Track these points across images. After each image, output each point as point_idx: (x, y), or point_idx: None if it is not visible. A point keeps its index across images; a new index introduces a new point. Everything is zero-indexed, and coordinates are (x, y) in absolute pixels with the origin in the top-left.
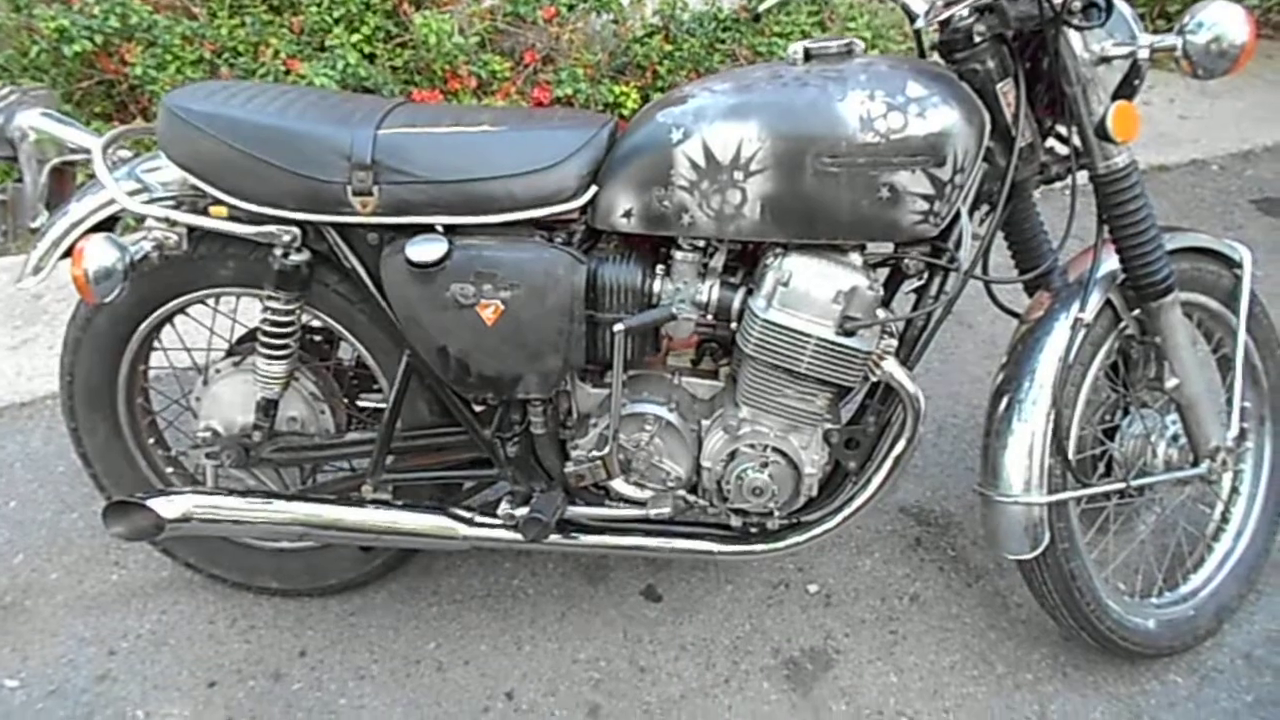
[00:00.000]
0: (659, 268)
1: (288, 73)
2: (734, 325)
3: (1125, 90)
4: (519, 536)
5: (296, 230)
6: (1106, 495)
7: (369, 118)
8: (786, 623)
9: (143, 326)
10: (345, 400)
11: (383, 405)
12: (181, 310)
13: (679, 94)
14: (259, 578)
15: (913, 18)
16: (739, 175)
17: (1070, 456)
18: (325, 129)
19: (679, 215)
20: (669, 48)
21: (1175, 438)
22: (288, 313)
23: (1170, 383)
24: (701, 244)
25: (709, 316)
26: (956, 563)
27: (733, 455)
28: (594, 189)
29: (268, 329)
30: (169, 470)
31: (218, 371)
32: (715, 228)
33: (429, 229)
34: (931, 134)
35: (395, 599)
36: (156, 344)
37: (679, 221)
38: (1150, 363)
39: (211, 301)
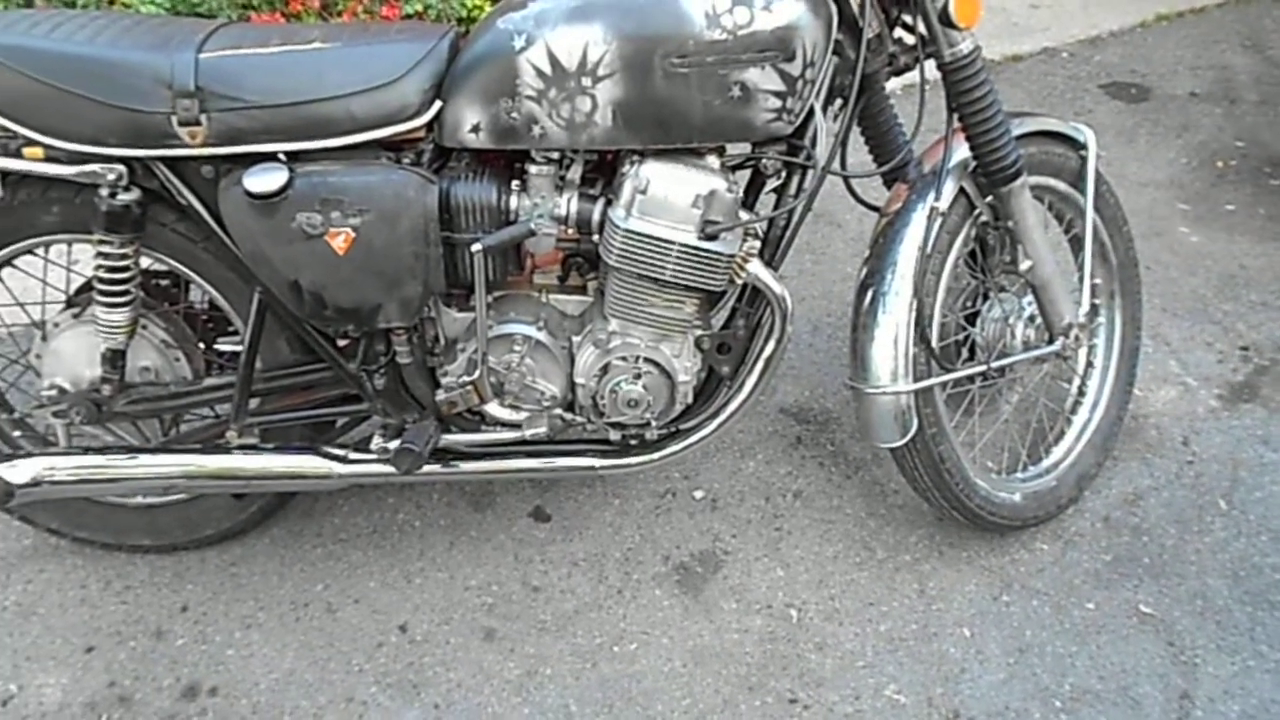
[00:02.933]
0: (514, 183)
1: (112, 1)
2: (596, 238)
3: None
4: (394, 470)
5: (122, 168)
6: (970, 379)
7: (188, 41)
8: (675, 530)
9: None
10: (201, 345)
11: (241, 347)
12: (8, 262)
13: None
14: (130, 536)
15: None
16: (587, 81)
17: (934, 344)
18: (140, 55)
19: (529, 127)
20: None
21: (1032, 318)
22: (123, 257)
23: (1024, 265)
24: (556, 156)
25: (570, 230)
26: (836, 457)
27: (605, 369)
28: (438, 104)
29: (104, 276)
30: (16, 434)
31: (56, 325)
32: (568, 138)
33: (268, 157)
34: (779, 28)
35: (277, 544)
36: None
37: (530, 134)
38: (1005, 247)
39: (41, 251)
